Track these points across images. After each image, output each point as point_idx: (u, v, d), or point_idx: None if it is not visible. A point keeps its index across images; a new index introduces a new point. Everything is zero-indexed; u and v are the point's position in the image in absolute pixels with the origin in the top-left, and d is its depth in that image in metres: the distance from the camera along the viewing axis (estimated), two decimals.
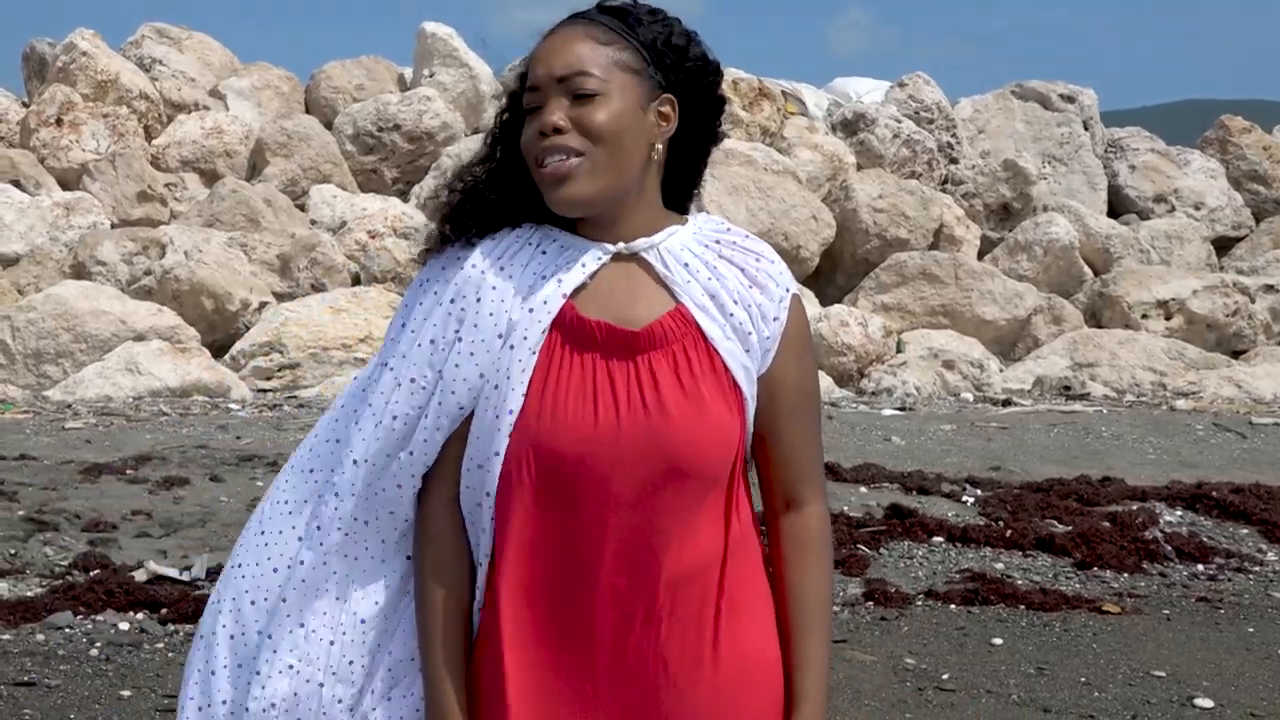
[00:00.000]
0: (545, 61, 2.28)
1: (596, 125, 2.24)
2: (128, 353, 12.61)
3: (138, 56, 17.91)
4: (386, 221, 15.45)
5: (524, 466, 2.25)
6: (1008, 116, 19.76)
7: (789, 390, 2.34)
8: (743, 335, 2.29)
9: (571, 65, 2.25)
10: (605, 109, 2.25)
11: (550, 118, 2.25)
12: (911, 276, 15.97)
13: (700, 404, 2.24)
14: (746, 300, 2.30)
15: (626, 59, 2.28)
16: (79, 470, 8.72)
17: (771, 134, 17.90)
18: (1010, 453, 10.73)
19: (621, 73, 2.27)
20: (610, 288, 2.29)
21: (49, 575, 6.88)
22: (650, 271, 2.30)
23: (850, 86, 20.49)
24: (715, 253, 2.32)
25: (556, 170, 2.24)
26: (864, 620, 6.88)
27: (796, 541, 2.37)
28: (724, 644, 2.28)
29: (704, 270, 2.30)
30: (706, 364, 2.26)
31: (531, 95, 2.28)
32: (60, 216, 15.05)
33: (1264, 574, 7.89)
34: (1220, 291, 16.59)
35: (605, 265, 2.30)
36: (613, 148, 2.25)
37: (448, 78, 18.20)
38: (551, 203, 2.26)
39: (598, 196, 2.26)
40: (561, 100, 2.25)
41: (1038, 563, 7.85)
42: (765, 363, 2.31)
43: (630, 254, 2.30)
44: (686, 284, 2.29)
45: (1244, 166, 20.07)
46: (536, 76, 2.28)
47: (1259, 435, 11.91)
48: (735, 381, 2.28)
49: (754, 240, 2.37)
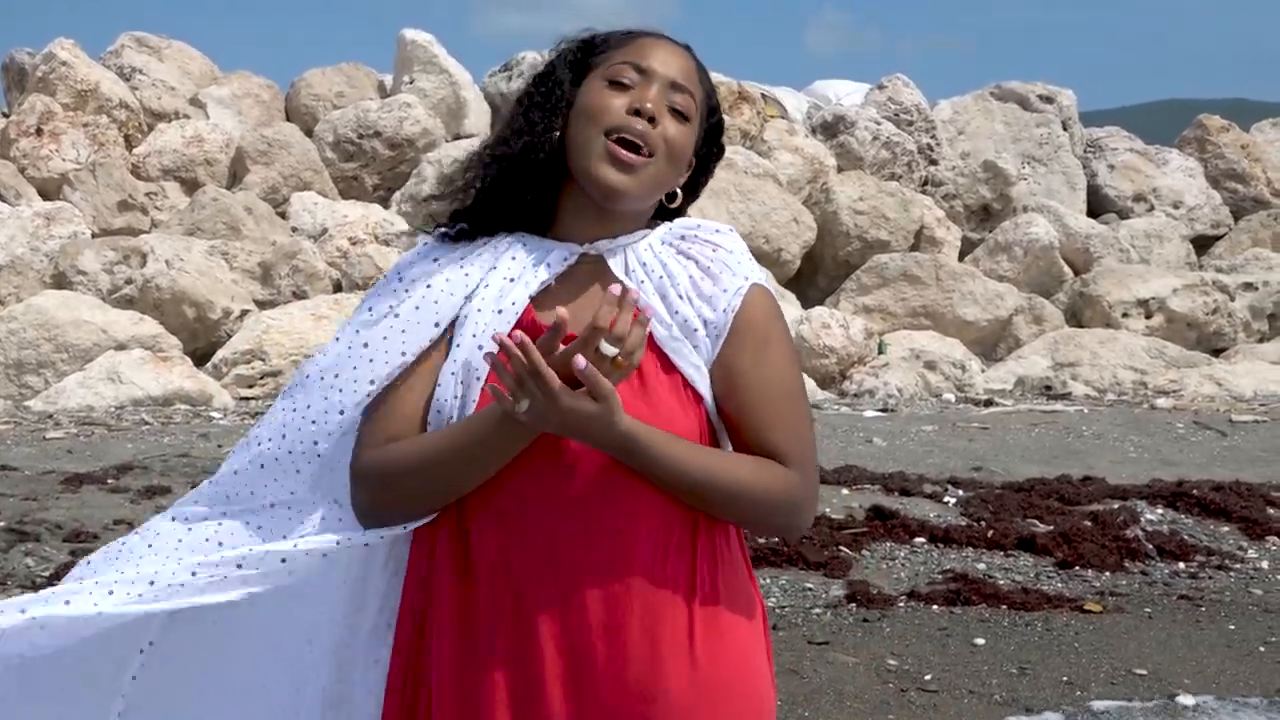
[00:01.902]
0: (662, 59, 2.31)
1: (676, 142, 2.29)
2: (109, 362, 12.59)
3: (117, 66, 17.89)
4: (368, 228, 15.45)
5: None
6: (987, 118, 19.82)
7: (748, 379, 2.29)
8: (689, 331, 2.28)
9: (687, 80, 2.32)
10: (688, 136, 2.32)
11: (650, 103, 2.27)
12: (892, 278, 16.00)
13: (649, 399, 2.23)
14: (694, 292, 2.29)
15: (703, 107, 2.35)
16: (60, 480, 8.70)
17: (752, 137, 17.93)
18: (992, 453, 10.75)
19: (698, 114, 2.34)
20: (570, 291, 2.30)
21: (30, 586, 6.86)
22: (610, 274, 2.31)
23: (829, 89, 20.54)
24: (675, 249, 2.33)
25: (629, 158, 2.25)
26: (846, 622, 6.89)
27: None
28: (700, 653, 2.26)
29: (658, 269, 2.31)
30: (655, 364, 2.26)
31: (633, 73, 2.29)
32: (41, 226, 15.02)
33: (1244, 571, 7.92)
34: (1200, 290, 16.65)
35: (572, 266, 2.31)
36: (672, 170, 2.31)
37: (428, 84, 18.20)
38: (595, 178, 2.26)
39: (635, 199, 2.28)
40: (662, 100, 2.29)
41: (1019, 563, 7.86)
42: (716, 349, 2.29)
43: (595, 255, 2.32)
44: (640, 284, 2.29)
45: (1222, 165, 20.15)
46: (651, 65, 2.30)
47: (1239, 433, 11.96)
48: (687, 380, 2.27)
49: (722, 234, 2.37)
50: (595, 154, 2.25)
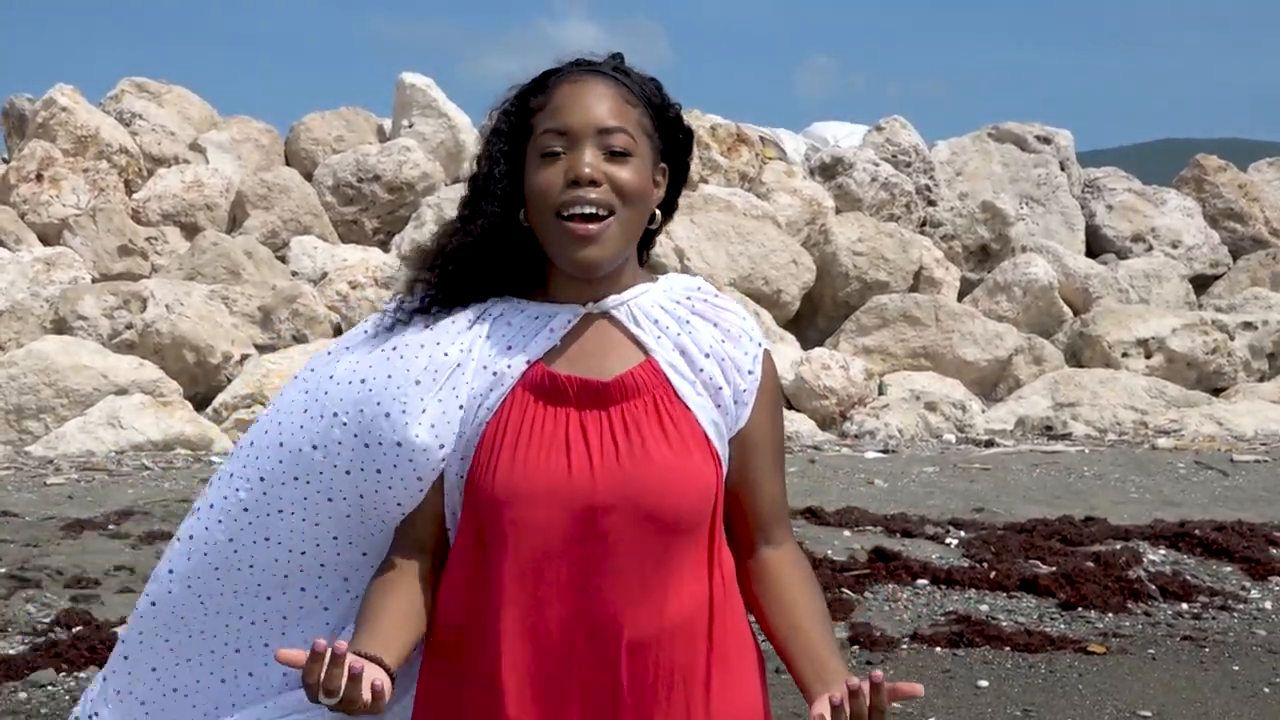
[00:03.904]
0: (583, 109, 2.22)
1: (629, 186, 2.22)
2: (109, 407, 12.59)
3: (117, 111, 17.94)
4: (367, 272, 15.47)
5: (488, 523, 2.23)
6: (985, 158, 19.87)
7: (765, 443, 2.33)
8: (713, 390, 2.28)
9: (613, 120, 2.22)
10: (636, 171, 2.24)
11: (586, 169, 2.20)
12: (892, 319, 16.01)
13: (677, 449, 2.23)
14: (719, 354, 2.29)
15: (647, 124, 2.27)
16: (61, 526, 8.68)
17: (750, 179, 17.97)
18: (993, 494, 10.74)
19: (644, 136, 2.27)
20: (581, 346, 2.28)
21: (31, 633, 6.84)
22: (621, 328, 2.29)
23: (827, 131, 20.60)
24: (688, 309, 2.31)
25: (586, 231, 2.20)
26: (849, 664, 6.85)
27: (782, 563, 2.35)
28: (715, 701, 2.27)
29: (674, 326, 2.29)
30: (680, 417, 2.25)
31: (557, 139, 2.22)
32: (41, 272, 15.04)
33: (1248, 612, 7.90)
34: (1199, 329, 16.66)
35: (575, 325, 2.28)
36: (637, 211, 2.25)
37: (427, 128, 18.26)
38: (568, 261, 2.22)
39: (613, 260, 2.25)
40: (596, 152, 2.21)
41: (1022, 604, 7.85)
42: (742, 417, 2.30)
43: (601, 312, 2.29)
44: (657, 340, 2.28)
45: (1220, 205, 20.19)
46: (568, 122, 2.22)
47: (1240, 473, 11.94)
48: (707, 437, 2.27)
49: (724, 298, 2.36)
50: (555, 238, 2.22)
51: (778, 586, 2.34)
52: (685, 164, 2.37)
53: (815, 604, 2.34)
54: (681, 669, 2.25)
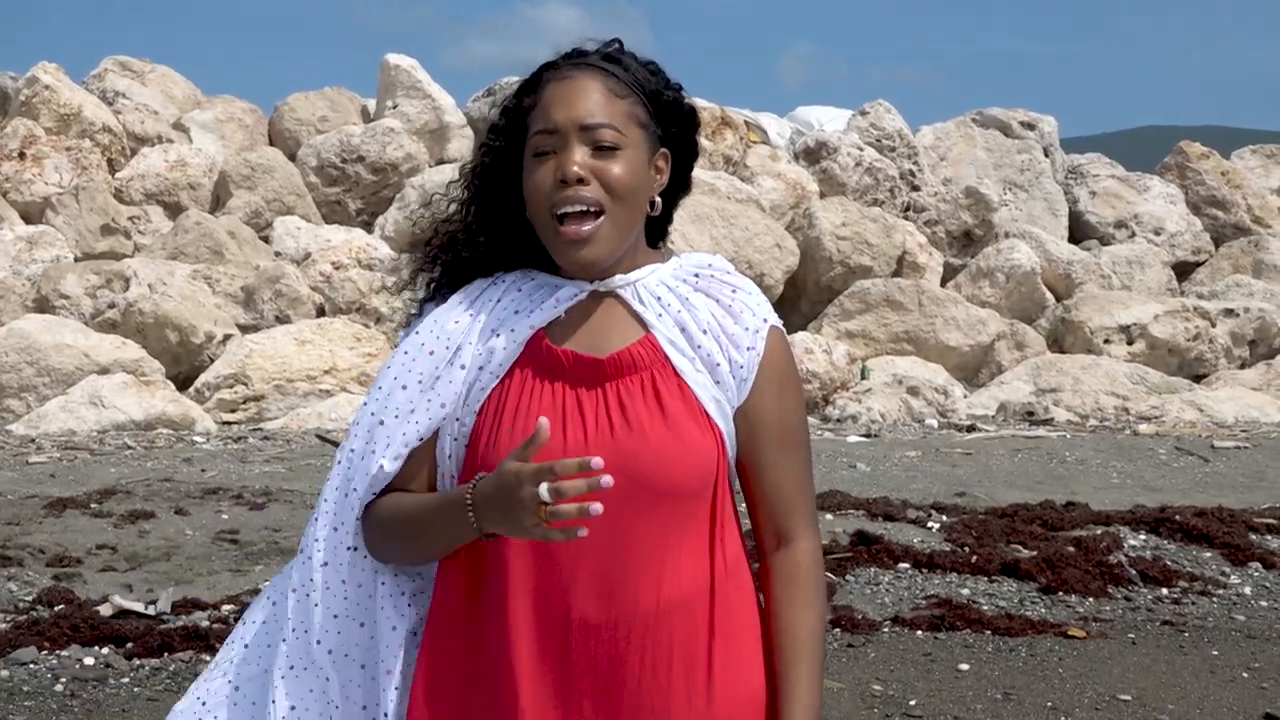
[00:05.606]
0: (567, 106, 2.24)
1: (618, 180, 2.23)
2: (92, 386, 12.56)
3: (100, 90, 17.89)
4: (351, 252, 15.45)
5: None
6: (969, 144, 19.89)
7: (770, 423, 2.32)
8: (711, 366, 2.28)
9: (597, 115, 2.23)
10: (626, 164, 2.24)
11: (574, 167, 2.21)
12: (875, 303, 16.04)
13: (673, 424, 2.23)
14: (716, 330, 2.29)
15: (638, 113, 2.27)
16: (43, 505, 8.67)
17: (734, 163, 17.98)
18: (975, 478, 10.77)
19: (635, 127, 2.27)
20: (584, 322, 2.29)
21: (13, 610, 6.84)
22: (626, 307, 2.30)
23: (812, 115, 20.61)
24: (691, 286, 2.32)
25: (578, 233, 2.21)
26: (831, 647, 6.88)
27: (786, 578, 2.33)
28: (718, 682, 2.27)
29: (676, 303, 2.30)
30: (677, 393, 2.26)
31: (547, 139, 2.24)
32: (23, 250, 15.00)
33: (1227, 597, 7.93)
34: (1181, 316, 16.71)
35: (581, 301, 2.29)
36: (629, 204, 2.25)
37: (411, 109, 18.23)
38: (566, 262, 2.25)
39: (610, 256, 2.26)
40: (583, 149, 2.23)
41: (1003, 588, 7.87)
42: (743, 394, 2.30)
43: (607, 291, 2.30)
44: (659, 317, 2.29)
45: (1202, 192, 20.25)
46: (555, 120, 2.24)
47: (1221, 459, 11.99)
48: (707, 413, 2.27)
49: (736, 275, 2.37)
50: (552, 239, 2.24)
51: (776, 605, 2.34)
52: (693, 143, 2.37)
53: (800, 634, 2.32)
54: (682, 650, 2.25)
